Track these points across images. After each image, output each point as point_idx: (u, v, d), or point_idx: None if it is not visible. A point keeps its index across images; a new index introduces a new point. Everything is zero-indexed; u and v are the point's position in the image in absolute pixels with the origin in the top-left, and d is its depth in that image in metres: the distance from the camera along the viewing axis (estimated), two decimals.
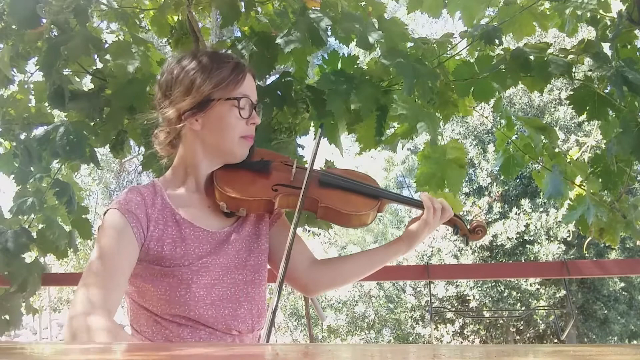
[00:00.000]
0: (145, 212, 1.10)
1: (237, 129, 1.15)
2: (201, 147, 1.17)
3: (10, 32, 2.00)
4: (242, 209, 1.16)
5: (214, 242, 1.15)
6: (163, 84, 1.17)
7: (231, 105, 1.13)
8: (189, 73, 1.13)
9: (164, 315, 1.10)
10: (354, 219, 1.22)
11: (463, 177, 1.89)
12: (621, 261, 5.61)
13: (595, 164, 1.94)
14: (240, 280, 1.16)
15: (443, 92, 1.92)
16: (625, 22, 1.80)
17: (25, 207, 2.06)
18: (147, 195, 1.13)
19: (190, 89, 1.12)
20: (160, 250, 1.09)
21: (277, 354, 0.50)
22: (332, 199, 1.21)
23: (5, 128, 2.12)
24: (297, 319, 12.67)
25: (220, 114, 1.13)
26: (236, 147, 1.17)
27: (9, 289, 2.11)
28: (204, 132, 1.15)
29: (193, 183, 1.19)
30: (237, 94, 1.14)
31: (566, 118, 10.56)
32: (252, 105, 1.17)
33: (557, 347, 0.85)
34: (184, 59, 1.16)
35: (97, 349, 0.64)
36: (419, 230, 1.27)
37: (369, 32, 1.73)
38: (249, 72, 1.19)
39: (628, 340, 10.38)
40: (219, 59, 1.16)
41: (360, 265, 1.28)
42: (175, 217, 1.13)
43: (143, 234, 1.08)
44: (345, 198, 1.23)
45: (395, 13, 11.32)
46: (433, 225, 1.27)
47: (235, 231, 1.19)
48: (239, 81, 1.14)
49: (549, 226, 10.05)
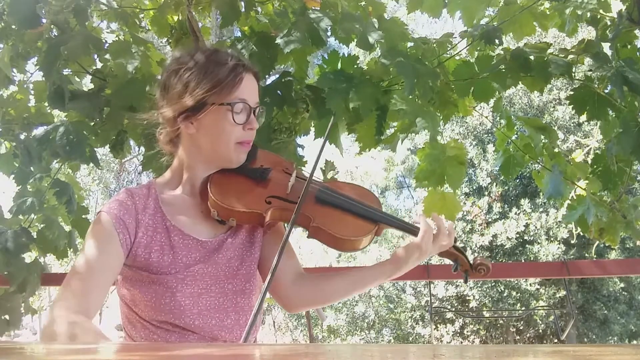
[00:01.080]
0: (135, 217, 1.09)
1: (232, 135, 1.10)
2: (196, 151, 1.14)
3: (10, 32, 2.00)
4: (232, 219, 1.11)
5: (204, 251, 1.12)
6: (161, 83, 1.15)
7: (226, 110, 1.08)
8: (184, 74, 1.09)
9: (152, 320, 1.09)
10: (347, 243, 1.13)
11: (463, 174, 1.89)
12: (621, 261, 5.61)
13: (595, 164, 1.94)
14: (230, 290, 1.13)
15: (443, 92, 1.92)
16: (625, 22, 1.80)
17: (25, 207, 2.06)
18: (139, 200, 1.11)
19: (185, 91, 1.08)
20: (147, 257, 1.08)
21: (277, 354, 0.50)
22: (325, 218, 1.12)
23: (5, 128, 2.12)
24: (297, 319, 12.68)
25: (215, 119, 1.09)
26: (232, 153, 1.12)
27: (8, 289, 2.11)
28: (198, 136, 1.12)
29: (188, 186, 1.17)
30: (233, 98, 1.08)
31: (565, 118, 10.56)
32: (249, 109, 1.11)
33: (557, 347, 0.85)
34: (183, 58, 1.13)
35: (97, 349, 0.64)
36: (408, 252, 1.17)
37: (369, 32, 1.73)
38: (250, 72, 1.13)
39: (628, 340, 10.38)
40: (216, 59, 1.11)
41: (344, 286, 1.20)
42: (165, 223, 1.11)
43: (130, 240, 1.07)
44: (341, 219, 1.14)
45: (395, 13, 11.31)
46: (425, 250, 1.16)
47: (230, 237, 1.16)
48: (235, 84, 1.09)
49: (549, 226, 10.06)
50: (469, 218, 10.59)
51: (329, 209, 1.15)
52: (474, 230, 10.57)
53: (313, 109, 1.84)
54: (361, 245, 1.15)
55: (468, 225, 10.57)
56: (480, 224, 10.52)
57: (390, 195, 14.60)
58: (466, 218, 10.57)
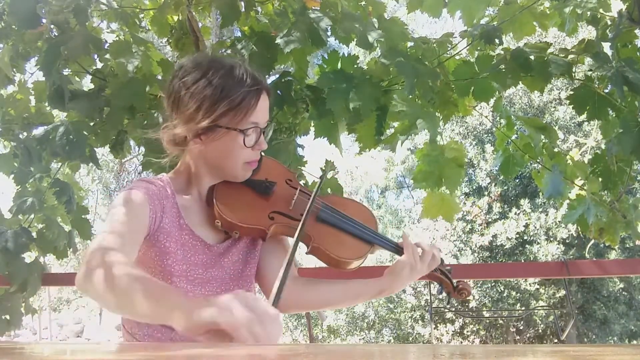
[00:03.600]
0: (162, 202, 1.08)
1: (241, 157, 1.10)
2: (204, 164, 1.14)
3: (10, 32, 2.00)
4: (235, 231, 1.13)
5: (211, 255, 1.13)
6: (172, 95, 1.10)
7: (238, 133, 1.07)
8: (195, 95, 1.05)
9: None
10: (342, 263, 1.17)
11: (461, 176, 1.89)
12: (621, 261, 5.60)
13: (595, 164, 1.94)
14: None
15: (443, 92, 1.92)
16: (625, 22, 1.80)
17: (25, 207, 2.06)
18: (162, 189, 1.11)
19: (198, 112, 1.05)
20: (168, 245, 1.07)
21: (277, 354, 0.50)
22: (325, 239, 1.16)
23: (5, 128, 2.12)
24: (297, 319, 12.68)
25: (225, 141, 1.07)
26: (239, 171, 1.13)
27: (9, 289, 2.11)
28: (207, 152, 1.10)
29: (196, 192, 1.16)
30: (246, 124, 1.06)
31: (566, 118, 10.56)
32: (260, 131, 1.09)
33: (557, 347, 0.85)
34: (197, 72, 1.08)
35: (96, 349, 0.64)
36: (399, 269, 1.19)
37: (369, 32, 1.73)
38: (265, 92, 1.10)
39: (628, 340, 10.38)
40: (232, 80, 1.06)
41: (337, 295, 1.21)
42: (179, 220, 1.11)
43: (156, 221, 1.06)
44: (339, 240, 1.18)
45: (395, 13, 11.31)
46: (417, 269, 1.19)
47: (235, 242, 1.17)
48: (249, 110, 1.06)
49: (549, 226, 10.05)
50: (468, 218, 10.59)
51: (329, 228, 1.18)
52: (474, 230, 10.57)
53: (313, 109, 1.84)
54: (354, 266, 1.19)
55: (468, 225, 10.58)
56: (480, 224, 10.51)
57: (390, 195, 14.60)
58: (466, 218, 10.57)
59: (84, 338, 13.03)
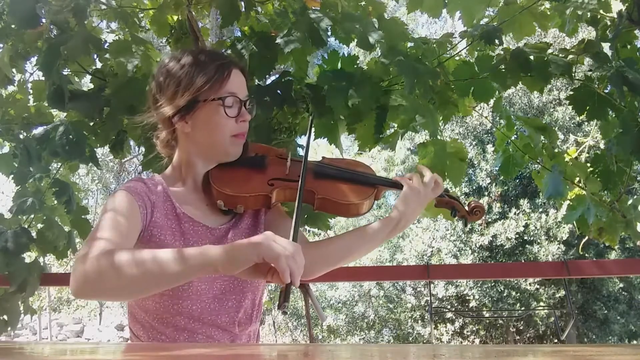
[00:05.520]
0: (150, 198, 1.12)
1: (226, 128, 1.15)
2: (194, 148, 1.18)
3: (10, 32, 2.00)
4: (239, 205, 1.17)
5: (213, 238, 1.16)
6: (153, 88, 1.18)
7: (217, 105, 1.13)
8: (173, 77, 1.14)
9: (164, 314, 1.10)
10: (352, 208, 1.21)
11: (463, 170, 1.88)
12: (621, 261, 5.61)
13: (595, 164, 1.94)
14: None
15: (443, 92, 1.92)
16: (625, 22, 1.80)
17: (24, 207, 2.06)
18: (151, 185, 1.15)
19: (176, 93, 1.12)
20: (162, 238, 1.10)
21: (277, 354, 0.50)
22: (328, 190, 1.20)
23: (5, 128, 2.12)
24: (297, 319, 12.68)
25: (208, 115, 1.14)
26: (228, 146, 1.17)
27: (8, 289, 2.11)
28: (194, 133, 1.16)
29: (191, 182, 1.20)
30: (223, 93, 1.13)
31: (565, 118, 10.57)
32: (240, 102, 1.16)
33: (557, 347, 0.85)
34: (170, 62, 1.17)
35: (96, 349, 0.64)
36: (406, 197, 1.20)
37: (369, 32, 1.73)
38: (237, 68, 1.18)
39: (628, 340, 10.38)
40: (203, 58, 1.15)
41: (354, 240, 1.20)
42: (175, 210, 1.14)
43: (147, 217, 1.09)
44: (341, 188, 1.22)
45: (395, 13, 11.32)
46: (422, 193, 1.21)
47: (234, 227, 1.20)
48: (223, 80, 1.13)
49: (549, 226, 10.06)
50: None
51: (329, 181, 1.23)
52: (474, 230, 10.58)
53: (313, 108, 1.84)
54: (365, 208, 1.22)
55: (468, 225, 10.58)
56: (480, 224, 10.52)
57: (390, 195, 14.60)
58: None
59: (84, 338, 13.04)
